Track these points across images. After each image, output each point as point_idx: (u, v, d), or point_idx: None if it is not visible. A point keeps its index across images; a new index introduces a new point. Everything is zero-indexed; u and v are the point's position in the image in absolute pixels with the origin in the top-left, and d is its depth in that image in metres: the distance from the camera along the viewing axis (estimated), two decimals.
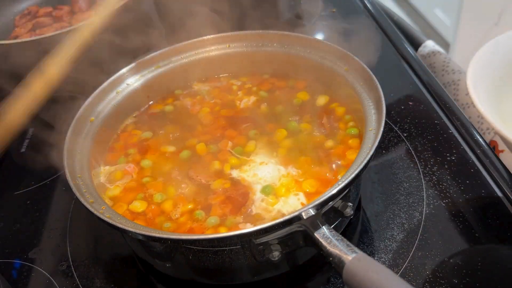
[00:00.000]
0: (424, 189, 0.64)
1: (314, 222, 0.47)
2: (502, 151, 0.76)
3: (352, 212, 0.50)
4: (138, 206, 0.57)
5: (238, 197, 0.56)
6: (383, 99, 0.55)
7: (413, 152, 0.70)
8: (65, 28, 0.84)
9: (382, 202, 0.64)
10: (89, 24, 0.61)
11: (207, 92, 0.73)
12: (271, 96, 0.70)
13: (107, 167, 0.63)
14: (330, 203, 0.50)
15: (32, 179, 0.76)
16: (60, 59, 0.58)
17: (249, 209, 0.55)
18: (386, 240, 0.59)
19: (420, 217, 0.61)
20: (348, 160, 0.58)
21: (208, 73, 0.75)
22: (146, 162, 0.63)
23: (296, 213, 0.45)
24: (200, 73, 0.74)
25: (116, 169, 0.62)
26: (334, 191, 0.46)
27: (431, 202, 0.62)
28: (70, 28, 0.83)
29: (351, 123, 0.62)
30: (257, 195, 0.56)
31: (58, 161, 0.57)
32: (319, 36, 1.02)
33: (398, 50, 0.92)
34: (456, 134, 0.72)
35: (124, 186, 0.60)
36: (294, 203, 0.54)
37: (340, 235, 0.46)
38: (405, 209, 0.62)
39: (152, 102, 0.72)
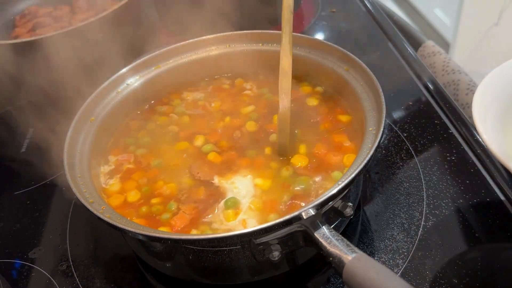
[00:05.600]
0: (424, 189, 0.64)
1: (314, 222, 0.47)
2: None
3: (352, 212, 0.50)
4: (134, 194, 0.58)
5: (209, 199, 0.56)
6: (383, 99, 0.55)
7: (413, 152, 0.70)
8: (65, 28, 0.84)
9: (382, 202, 0.64)
10: None
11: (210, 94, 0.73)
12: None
13: (106, 167, 0.63)
14: (330, 203, 0.50)
15: (32, 179, 0.76)
16: None
17: (208, 216, 0.55)
18: (386, 240, 0.59)
19: (420, 217, 0.61)
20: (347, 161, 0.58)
21: (208, 73, 0.75)
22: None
23: (296, 213, 0.45)
24: (200, 73, 0.74)
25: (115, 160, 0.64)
26: (334, 191, 0.46)
27: (431, 202, 0.62)
28: (70, 28, 0.83)
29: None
30: (221, 204, 0.55)
31: (58, 161, 0.57)
32: (319, 36, 1.02)
33: (398, 50, 0.92)
34: (456, 134, 0.72)
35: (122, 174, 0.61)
36: (251, 224, 0.53)
37: (340, 235, 0.46)
38: (405, 209, 0.62)
39: (153, 101, 0.72)
